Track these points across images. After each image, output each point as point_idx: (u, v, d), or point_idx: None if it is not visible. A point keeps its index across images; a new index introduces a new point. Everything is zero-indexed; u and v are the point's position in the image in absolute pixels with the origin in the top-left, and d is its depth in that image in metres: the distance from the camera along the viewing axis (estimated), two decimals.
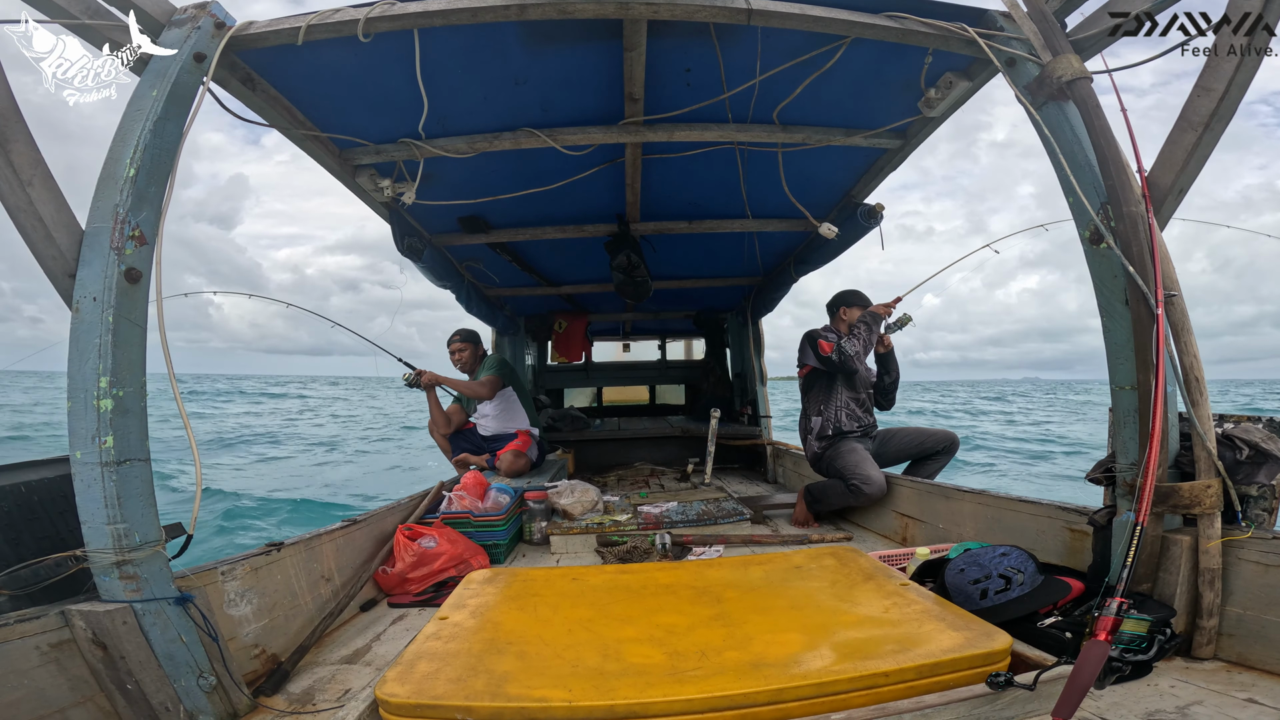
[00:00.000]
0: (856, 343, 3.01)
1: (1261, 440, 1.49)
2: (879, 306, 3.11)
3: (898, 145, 2.65)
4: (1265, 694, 1.24)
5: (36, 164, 1.37)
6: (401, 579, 2.23)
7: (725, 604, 1.60)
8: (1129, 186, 1.53)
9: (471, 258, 4.09)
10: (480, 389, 3.96)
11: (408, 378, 3.82)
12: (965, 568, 1.69)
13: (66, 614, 1.24)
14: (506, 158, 2.61)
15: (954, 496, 2.44)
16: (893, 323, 3.11)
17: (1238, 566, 1.43)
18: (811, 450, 3.21)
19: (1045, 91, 1.65)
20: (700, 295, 5.47)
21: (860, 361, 3.04)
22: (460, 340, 4.16)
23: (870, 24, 1.81)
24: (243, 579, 1.63)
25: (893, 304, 3.10)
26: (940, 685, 1.20)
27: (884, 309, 3.10)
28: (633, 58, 1.99)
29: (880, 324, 3.08)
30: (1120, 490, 1.59)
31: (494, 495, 2.83)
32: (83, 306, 1.35)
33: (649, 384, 7.22)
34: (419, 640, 1.41)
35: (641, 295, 3.72)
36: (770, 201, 3.21)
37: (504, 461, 3.73)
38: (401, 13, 1.70)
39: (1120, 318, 1.57)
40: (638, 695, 1.15)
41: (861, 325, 3.07)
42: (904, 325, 3.11)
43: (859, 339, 3.02)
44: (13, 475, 1.57)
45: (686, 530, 2.84)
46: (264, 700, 1.44)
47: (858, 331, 3.05)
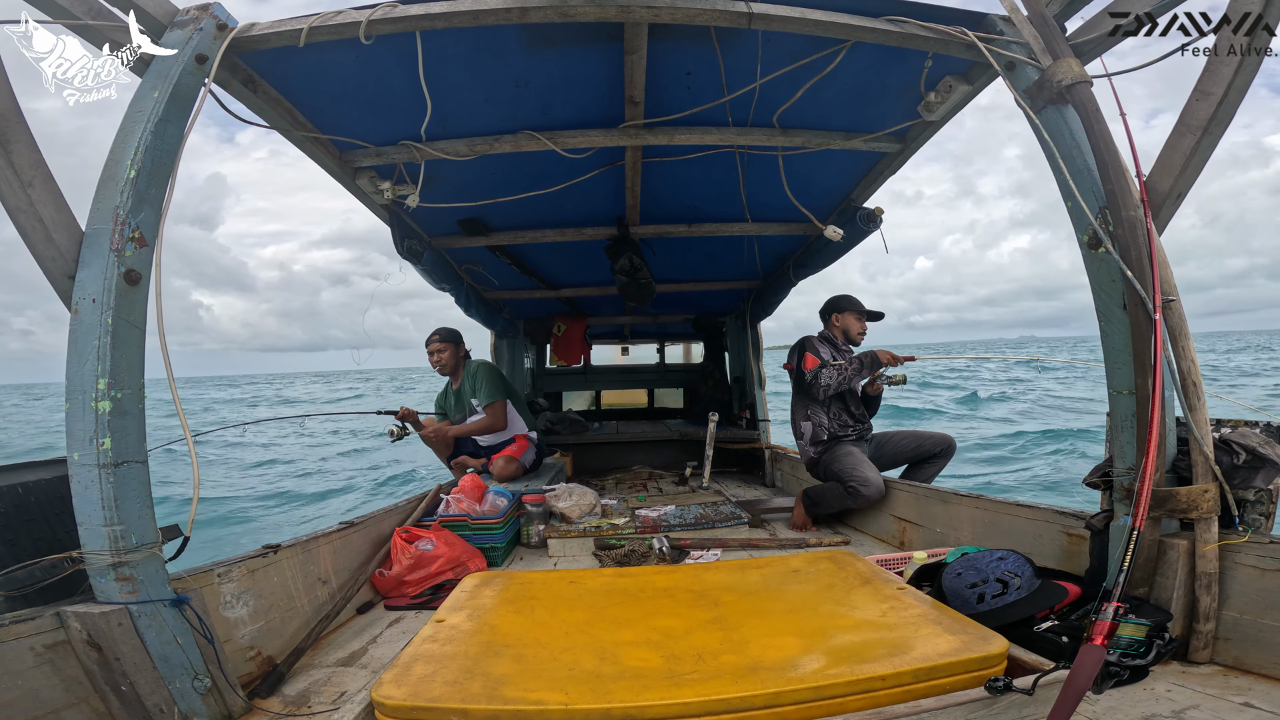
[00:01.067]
0: (836, 375, 2.97)
1: (1259, 445, 1.49)
2: (887, 354, 3.02)
3: (897, 149, 2.66)
4: (1262, 698, 1.24)
5: (37, 165, 1.37)
6: (398, 581, 2.22)
7: (722, 607, 1.60)
8: (1128, 191, 1.54)
9: (471, 260, 4.08)
10: (493, 424, 3.77)
11: (393, 432, 3.54)
12: (962, 572, 1.69)
13: (62, 615, 1.24)
14: (507, 160, 2.61)
15: (951, 500, 2.44)
16: (890, 375, 3.08)
17: (1234, 571, 1.43)
18: (807, 455, 3.21)
19: (1045, 95, 1.65)
20: (699, 299, 5.48)
21: (829, 394, 3.00)
22: (440, 340, 3.89)
23: (870, 28, 1.82)
24: (239, 581, 1.63)
25: (904, 359, 3.01)
26: (937, 689, 1.20)
27: (891, 358, 3.01)
28: (633, 61, 2.00)
29: (876, 369, 3.04)
30: (1117, 494, 1.59)
31: (492, 498, 2.83)
32: (82, 308, 1.35)
33: (648, 387, 7.21)
34: (415, 643, 1.41)
35: (645, 297, 3.71)
36: (770, 205, 3.21)
37: (496, 467, 3.66)
38: (403, 15, 1.70)
39: (1118, 322, 1.57)
40: (634, 698, 1.15)
41: (857, 361, 3.04)
42: (896, 383, 3.10)
43: (844, 373, 2.98)
44: (10, 476, 1.57)
45: (684, 534, 2.84)
46: (259, 703, 1.44)
47: (849, 365, 3.01)
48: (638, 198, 3.09)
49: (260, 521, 8.79)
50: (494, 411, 3.79)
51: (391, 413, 3.71)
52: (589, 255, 3.86)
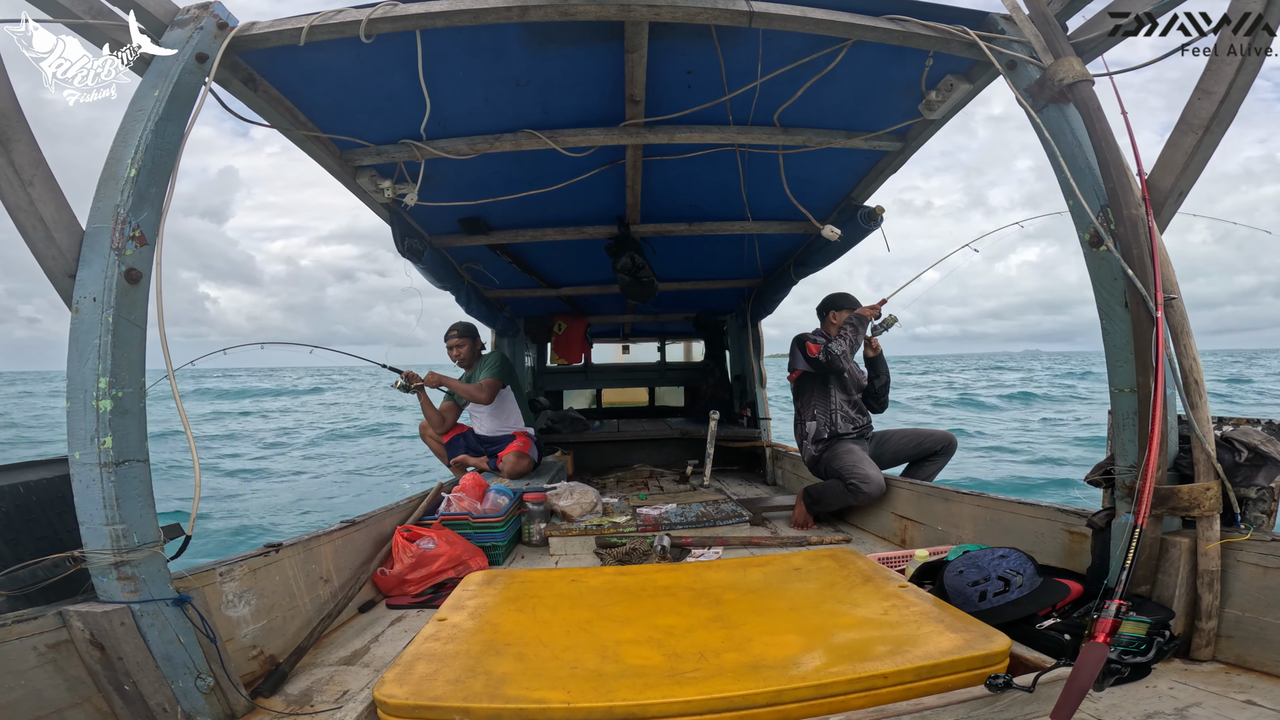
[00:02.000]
0: (843, 343, 3.04)
1: (1260, 443, 1.49)
2: (865, 309, 3.13)
3: (898, 148, 2.65)
4: (1264, 695, 1.24)
5: (37, 164, 1.37)
6: (400, 580, 2.22)
7: (724, 606, 1.60)
8: (1129, 189, 1.53)
9: (471, 259, 4.08)
10: (479, 393, 3.83)
11: (399, 384, 3.65)
12: (964, 570, 1.69)
13: (64, 615, 1.24)
14: (507, 159, 2.61)
15: (953, 498, 2.44)
16: (879, 324, 3.13)
17: (1236, 569, 1.43)
18: (808, 454, 3.22)
19: (1046, 94, 1.65)
20: (700, 297, 5.48)
21: (848, 360, 3.06)
22: (458, 335, 4.01)
23: (871, 26, 1.81)
24: (241, 580, 1.63)
25: (878, 306, 3.11)
26: (939, 687, 1.20)
27: (870, 311, 3.11)
28: (634, 59, 2.00)
29: (867, 325, 3.10)
30: (1119, 492, 1.59)
31: (493, 497, 2.83)
32: (82, 307, 1.35)
33: (648, 386, 7.22)
34: (417, 641, 1.41)
35: (648, 296, 3.71)
36: (770, 204, 3.21)
37: (507, 463, 3.70)
38: (404, 14, 1.70)
39: (1120, 320, 1.57)
40: (636, 697, 1.15)
41: (848, 327, 3.09)
42: (890, 326, 3.14)
43: (845, 340, 3.05)
44: (11, 476, 1.57)
45: (685, 532, 2.84)
46: (262, 701, 1.44)
47: (844, 333, 3.08)
48: (638, 196, 3.09)
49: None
50: (485, 387, 3.82)
51: (396, 370, 3.74)
52: (589, 254, 3.86)
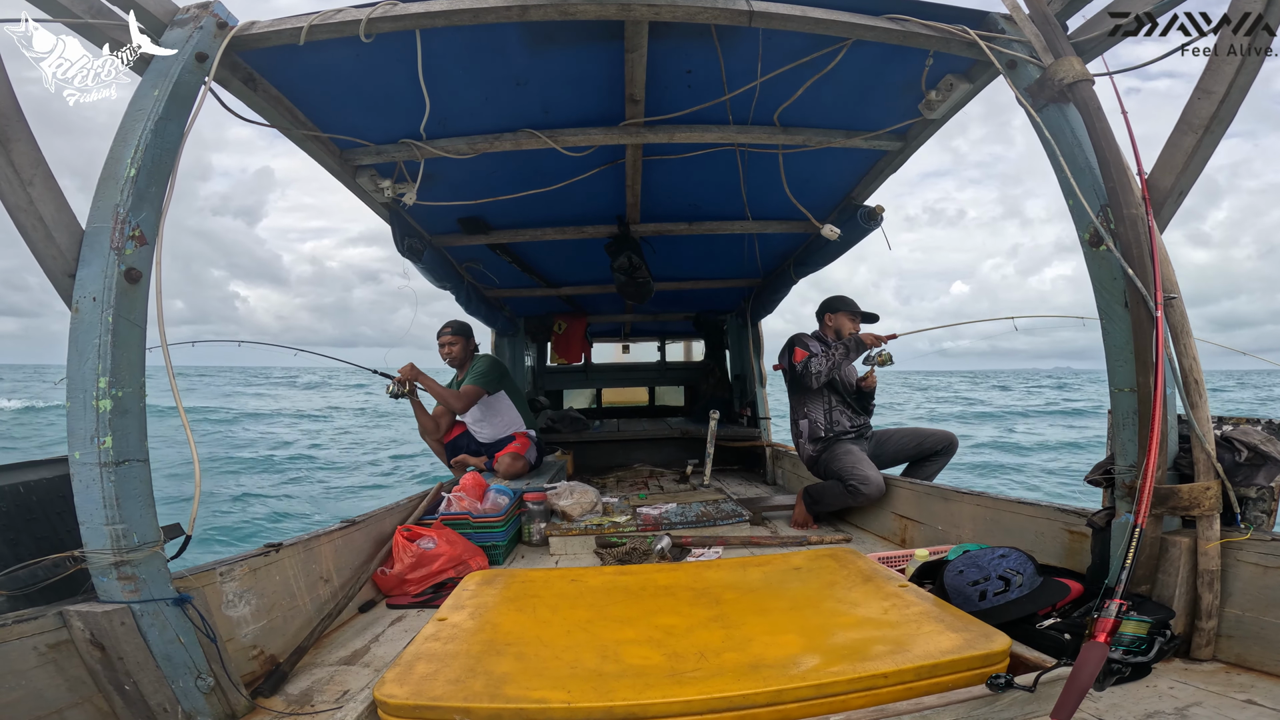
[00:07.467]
0: (826, 362, 3.01)
1: (1260, 442, 1.49)
2: (868, 335, 3.06)
3: (898, 147, 2.65)
4: (1264, 695, 1.24)
5: (37, 164, 1.37)
6: (400, 580, 2.22)
7: (724, 605, 1.60)
8: (1129, 189, 1.54)
9: (471, 259, 4.08)
10: (454, 401, 3.67)
11: (390, 389, 3.54)
12: (964, 569, 1.69)
13: (64, 615, 1.24)
14: (507, 159, 2.61)
15: (953, 498, 2.44)
16: (874, 355, 3.06)
17: (1237, 568, 1.43)
18: (806, 453, 3.21)
19: (1046, 94, 1.65)
20: (700, 297, 5.47)
21: (819, 381, 3.03)
22: (451, 333, 3.88)
23: (871, 26, 1.81)
24: (241, 580, 1.63)
25: (885, 338, 3.05)
26: (939, 687, 1.20)
27: (871, 338, 3.04)
28: (634, 59, 1.99)
29: (862, 352, 3.06)
30: (1119, 492, 1.59)
31: (493, 496, 2.83)
32: (82, 306, 1.35)
33: (648, 385, 7.21)
34: (417, 641, 1.41)
35: (643, 297, 3.72)
36: (770, 203, 3.21)
37: (501, 464, 3.67)
38: (403, 13, 1.70)
39: (1120, 320, 1.57)
40: (636, 697, 1.15)
41: (842, 346, 3.06)
42: (884, 364, 3.07)
43: (830, 359, 3.02)
44: (11, 475, 1.57)
45: (685, 532, 2.84)
46: (262, 701, 1.44)
47: (835, 350, 3.05)
48: (638, 196, 3.09)
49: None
50: (462, 396, 3.68)
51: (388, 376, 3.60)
52: (590, 253, 3.86)
